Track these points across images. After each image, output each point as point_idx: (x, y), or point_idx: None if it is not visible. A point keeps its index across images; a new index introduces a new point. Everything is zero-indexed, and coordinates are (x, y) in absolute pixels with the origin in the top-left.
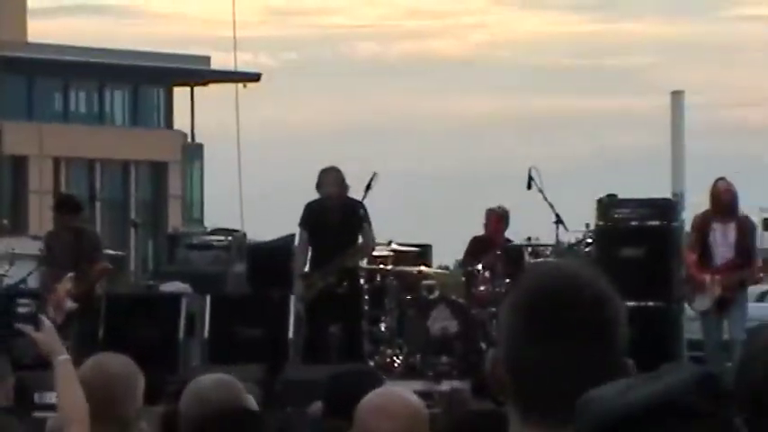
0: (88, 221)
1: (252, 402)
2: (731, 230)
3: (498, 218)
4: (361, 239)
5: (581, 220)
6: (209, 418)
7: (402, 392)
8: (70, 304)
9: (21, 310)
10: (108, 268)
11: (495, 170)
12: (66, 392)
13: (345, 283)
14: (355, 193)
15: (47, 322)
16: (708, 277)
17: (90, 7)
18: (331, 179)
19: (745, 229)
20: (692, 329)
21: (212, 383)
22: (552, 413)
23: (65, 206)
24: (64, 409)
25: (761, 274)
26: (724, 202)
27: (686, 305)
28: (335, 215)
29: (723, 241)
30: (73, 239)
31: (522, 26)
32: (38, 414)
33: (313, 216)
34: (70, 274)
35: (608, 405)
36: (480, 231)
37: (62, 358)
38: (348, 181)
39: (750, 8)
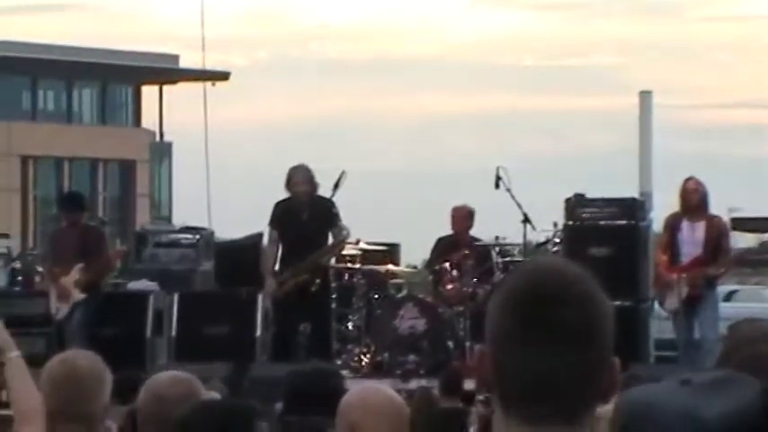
0: (94, 219)
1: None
2: (700, 229)
3: (464, 216)
4: (331, 237)
5: (549, 220)
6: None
7: (385, 389)
8: (77, 295)
9: None
10: (124, 250)
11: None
12: (19, 389)
13: (318, 281)
14: (324, 191)
15: None
16: (675, 276)
17: (54, 6)
18: (300, 177)
19: (715, 228)
20: (666, 329)
21: (168, 380)
22: (537, 410)
23: (69, 203)
24: (16, 406)
25: (722, 269)
26: (692, 201)
27: (658, 305)
28: (305, 213)
29: (690, 239)
30: (78, 235)
31: (493, 25)
32: None
33: (283, 215)
34: (79, 265)
35: (681, 418)
36: (447, 231)
37: (13, 355)
38: (317, 179)
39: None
